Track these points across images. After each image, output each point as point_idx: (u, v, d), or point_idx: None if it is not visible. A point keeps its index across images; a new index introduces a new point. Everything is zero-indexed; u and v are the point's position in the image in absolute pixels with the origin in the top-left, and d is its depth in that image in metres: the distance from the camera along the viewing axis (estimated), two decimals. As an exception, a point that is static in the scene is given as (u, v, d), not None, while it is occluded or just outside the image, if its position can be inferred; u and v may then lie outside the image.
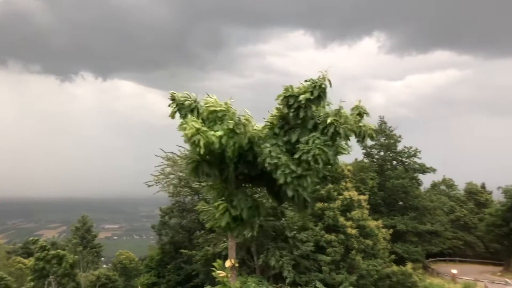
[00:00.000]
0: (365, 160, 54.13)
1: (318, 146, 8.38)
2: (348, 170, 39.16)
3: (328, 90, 8.82)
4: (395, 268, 32.79)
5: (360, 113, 8.97)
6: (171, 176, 34.92)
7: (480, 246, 62.28)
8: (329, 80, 8.64)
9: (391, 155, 54.78)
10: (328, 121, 8.43)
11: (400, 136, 53.95)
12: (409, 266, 33.17)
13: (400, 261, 39.13)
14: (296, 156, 8.57)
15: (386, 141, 54.25)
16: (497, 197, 60.74)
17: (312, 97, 8.67)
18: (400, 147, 54.26)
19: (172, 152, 34.81)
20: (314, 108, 8.73)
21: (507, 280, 20.88)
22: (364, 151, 55.03)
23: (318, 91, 8.70)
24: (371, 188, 47.67)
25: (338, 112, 8.57)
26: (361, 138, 9.02)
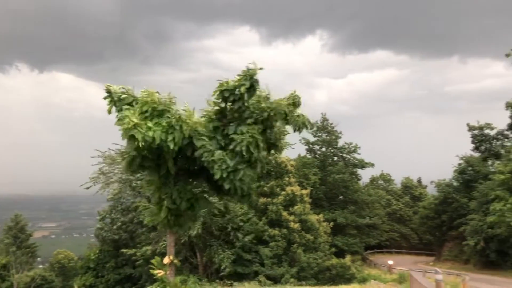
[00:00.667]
0: (308, 156, 55.39)
1: (250, 134, 8.47)
2: (292, 166, 39.91)
3: (271, 85, 8.99)
4: (335, 260, 33.82)
5: (295, 102, 9.14)
6: (110, 175, 33.73)
7: (415, 238, 65.75)
8: (261, 69, 8.81)
9: (332, 150, 56.37)
10: (261, 106, 8.55)
11: (341, 133, 55.69)
12: (348, 258, 34.30)
13: (340, 253, 40.42)
14: (231, 147, 8.63)
15: (328, 137, 55.75)
16: (432, 191, 64.23)
17: (245, 88, 8.75)
18: (341, 143, 56.00)
19: (109, 149, 33.38)
20: (248, 99, 8.82)
21: (436, 269, 22.27)
22: (307, 147, 56.34)
23: (250, 82, 8.79)
24: (313, 183, 48.86)
25: (268, 99, 8.70)
26: (297, 128, 9.20)
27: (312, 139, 55.64)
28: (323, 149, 56.51)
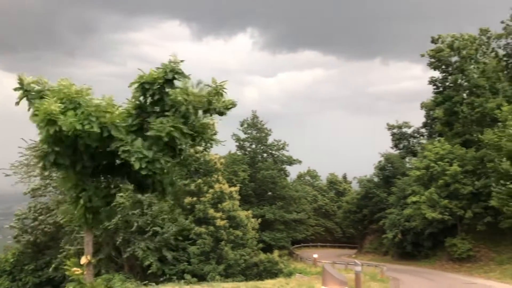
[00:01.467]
0: (238, 153, 55.69)
1: (171, 124, 8.28)
2: (221, 164, 39.87)
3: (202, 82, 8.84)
4: (262, 256, 34.28)
5: (218, 92, 9.00)
6: (32, 168, 31.58)
7: (339, 232, 68.57)
8: (181, 61, 8.65)
9: (262, 147, 57.07)
10: (178, 99, 8.35)
11: (270, 130, 56.48)
12: (275, 253, 34.90)
13: (268, 248, 41.04)
14: (149, 133, 8.38)
15: (258, 135, 56.37)
16: (355, 186, 67.29)
17: (165, 79, 8.54)
18: (270, 140, 56.86)
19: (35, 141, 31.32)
20: (169, 92, 8.60)
21: (356, 261, 23.46)
22: (237, 143, 56.63)
23: (172, 74, 8.59)
24: (242, 180, 49.19)
25: (186, 90, 8.52)
26: (220, 112, 9.07)
27: (242, 136, 56.04)
28: (253, 146, 57.07)
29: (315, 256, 39.17)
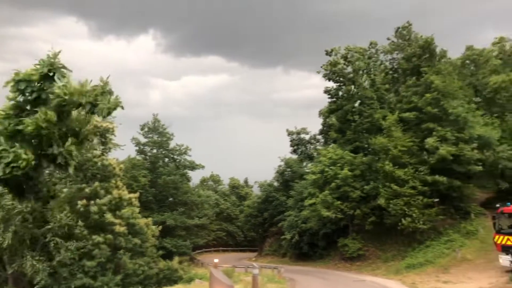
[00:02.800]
0: (138, 158, 53.95)
1: (43, 118, 7.72)
2: (120, 169, 38.26)
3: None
4: (162, 263, 33.53)
5: (104, 90, 8.50)
6: None
7: (240, 235, 69.57)
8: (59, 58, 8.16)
9: (163, 152, 55.92)
10: (56, 92, 7.75)
11: (172, 134, 55.55)
12: (175, 260, 34.38)
13: (169, 255, 40.24)
14: (20, 127, 7.73)
15: (159, 139, 55.16)
16: (257, 190, 68.72)
17: (44, 76, 7.99)
18: (173, 144, 55.93)
19: None
20: (48, 88, 8.02)
21: (253, 264, 24.14)
22: (137, 148, 54.84)
23: (50, 69, 8.04)
24: (143, 185, 47.78)
25: (66, 86, 7.94)
26: (104, 113, 8.46)
27: (143, 140, 54.41)
28: (154, 151, 55.69)
29: (216, 260, 39.14)
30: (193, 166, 56.49)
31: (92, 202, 31.80)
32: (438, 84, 30.55)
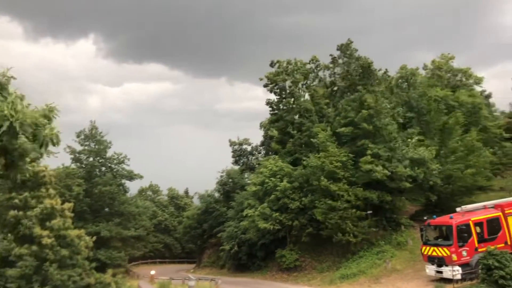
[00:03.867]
0: (73, 166, 51.73)
1: None
2: (52, 176, 36.50)
3: (42, 88, 7.84)
4: (96, 276, 32.17)
5: (47, 115, 7.78)
6: None
7: (178, 247, 68.44)
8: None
9: (100, 161, 54.02)
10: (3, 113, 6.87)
11: (110, 142, 53.83)
12: (109, 273, 33.08)
13: (102, 267, 38.75)
14: None
15: (96, 147, 53.28)
16: (197, 201, 67.93)
17: None
18: (110, 153, 54.16)
19: None
20: None
21: (189, 275, 23.83)
22: (73, 156, 52.56)
23: None
24: (77, 195, 45.85)
25: (13, 105, 7.12)
26: (43, 144, 7.61)
27: (79, 148, 52.24)
28: (91, 159, 53.65)
29: (153, 272, 38.36)
30: (131, 176, 54.97)
31: (21, 213, 30.10)
32: (370, 103, 31.92)
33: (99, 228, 46.80)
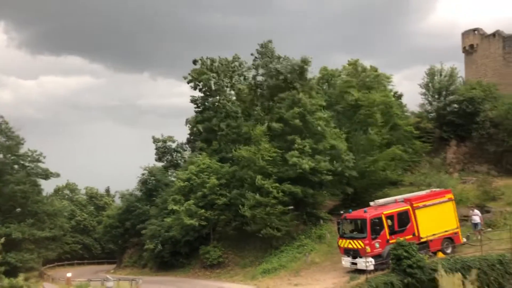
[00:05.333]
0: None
1: None
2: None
3: None
4: (5, 281, 30.03)
5: None
6: None
7: (98, 248, 65.81)
8: None
9: (12, 158, 50.47)
10: None
11: (23, 139, 50.47)
12: (21, 277, 30.99)
13: (14, 271, 36.29)
14: None
15: (7, 143, 49.68)
16: (119, 200, 65.68)
17: None
18: (24, 149, 50.75)
19: None
20: None
21: (108, 276, 23.05)
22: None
23: None
24: (-16, 194, 42.53)
25: None
26: None
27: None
28: (1, 156, 49.95)
29: (69, 275, 36.55)
30: (47, 174, 51.98)
31: None
32: (306, 102, 32.83)
33: (10, 230, 43.79)
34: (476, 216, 27.14)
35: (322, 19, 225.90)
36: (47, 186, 56.30)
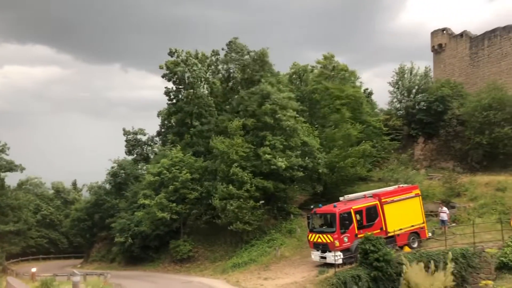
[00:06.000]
0: None
1: None
2: None
3: None
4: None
5: None
6: None
7: (65, 242, 64.43)
8: None
9: (-27, 149, 48.66)
10: None
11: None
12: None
13: (-26, 267, 35.15)
14: None
15: (-31, 133, 47.90)
16: (87, 194, 64.37)
17: None
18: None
19: None
20: None
21: (74, 271, 22.59)
22: None
23: None
24: None
25: None
26: None
27: None
28: (-39, 147, 48.11)
29: (34, 270, 35.59)
30: (11, 167, 50.32)
31: None
32: (274, 95, 32.85)
33: (-29, 224, 42.29)
34: (444, 214, 27.86)
35: (295, 16, 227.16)
36: (11, 180, 54.52)
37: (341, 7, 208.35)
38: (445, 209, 28.41)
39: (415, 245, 25.13)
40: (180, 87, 42.80)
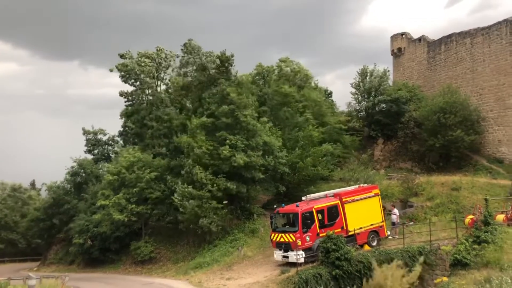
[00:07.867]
0: None
1: None
2: None
3: None
4: None
5: None
6: None
7: (22, 243, 62.10)
8: None
9: None
10: None
11: None
12: None
13: None
14: None
15: None
16: (45, 194, 62.19)
17: None
18: None
19: None
20: None
21: (30, 274, 21.83)
22: None
23: None
24: None
25: None
26: None
27: None
28: None
29: (-14, 274, 34.20)
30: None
31: None
32: (234, 97, 32.85)
33: None
34: (394, 215, 28.62)
35: (259, 15, 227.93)
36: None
37: (305, 8, 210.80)
38: (395, 210, 29.11)
39: (375, 243, 25.72)
40: (136, 88, 42.03)
